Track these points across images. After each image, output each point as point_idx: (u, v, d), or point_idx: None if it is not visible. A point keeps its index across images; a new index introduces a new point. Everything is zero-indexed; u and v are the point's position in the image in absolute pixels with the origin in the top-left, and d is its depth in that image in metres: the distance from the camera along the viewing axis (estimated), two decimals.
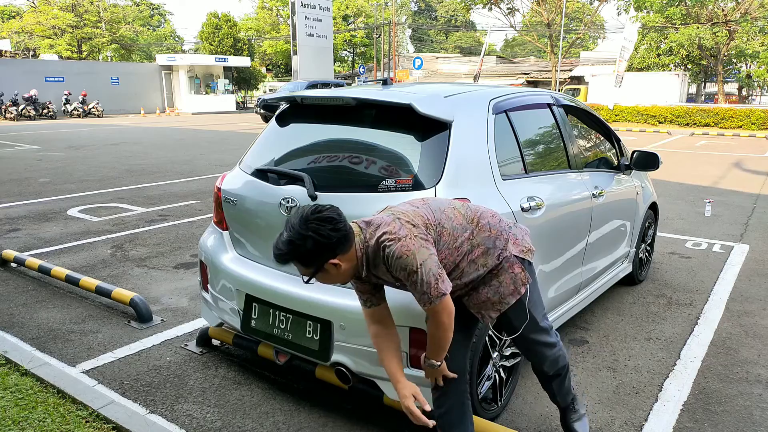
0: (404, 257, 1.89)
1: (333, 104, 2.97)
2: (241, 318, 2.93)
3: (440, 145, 2.57)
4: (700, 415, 2.86)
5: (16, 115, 25.25)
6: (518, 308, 2.24)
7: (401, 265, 1.90)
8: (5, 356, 3.28)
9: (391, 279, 2.01)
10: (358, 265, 1.98)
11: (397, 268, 1.92)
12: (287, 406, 2.89)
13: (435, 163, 2.54)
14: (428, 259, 1.92)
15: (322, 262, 1.90)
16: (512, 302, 2.21)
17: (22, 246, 5.67)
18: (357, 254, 1.96)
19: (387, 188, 2.50)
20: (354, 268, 1.98)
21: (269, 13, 48.86)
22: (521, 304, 2.23)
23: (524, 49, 65.20)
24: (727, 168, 11.82)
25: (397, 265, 1.91)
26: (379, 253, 1.94)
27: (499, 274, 2.18)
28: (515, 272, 2.19)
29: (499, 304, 2.20)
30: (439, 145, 2.57)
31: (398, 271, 1.92)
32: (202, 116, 30.21)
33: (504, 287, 2.18)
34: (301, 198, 2.68)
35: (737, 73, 36.04)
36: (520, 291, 2.20)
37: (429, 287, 1.91)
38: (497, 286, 2.18)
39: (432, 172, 2.51)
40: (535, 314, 2.29)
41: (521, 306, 2.24)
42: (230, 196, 3.07)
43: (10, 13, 46.96)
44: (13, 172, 10.66)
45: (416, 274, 1.90)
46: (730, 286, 4.74)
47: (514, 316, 2.26)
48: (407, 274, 1.91)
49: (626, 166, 4.29)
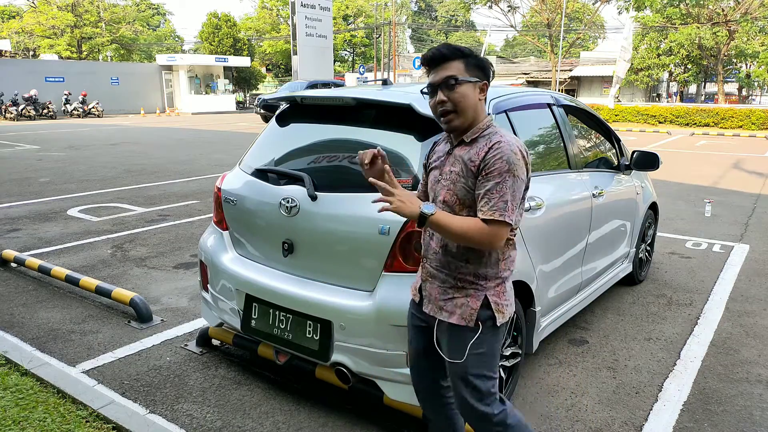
0: (513, 155, 1.78)
1: (333, 104, 2.97)
2: (241, 318, 2.93)
3: None
4: (700, 415, 2.86)
5: (16, 115, 25.25)
6: (457, 335, 1.93)
7: (506, 157, 1.77)
8: (5, 356, 3.28)
9: (468, 172, 1.84)
10: (478, 112, 1.87)
11: (497, 158, 1.77)
12: (287, 406, 2.89)
13: None
14: (521, 183, 1.81)
15: (475, 71, 1.85)
16: (455, 321, 1.91)
17: (22, 246, 5.68)
18: (483, 112, 1.89)
19: None
20: (475, 109, 1.86)
21: (269, 13, 48.84)
22: (463, 336, 1.91)
23: (524, 49, 65.21)
24: (727, 168, 11.81)
25: (500, 155, 1.77)
26: (485, 144, 1.83)
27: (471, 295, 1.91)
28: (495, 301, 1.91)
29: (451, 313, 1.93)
30: None
31: (496, 161, 1.77)
32: (202, 116, 30.20)
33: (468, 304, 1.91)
34: (301, 198, 2.68)
35: (737, 73, 36.03)
36: (470, 322, 1.89)
37: (510, 203, 1.76)
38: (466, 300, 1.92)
39: None
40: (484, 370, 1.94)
41: (462, 338, 1.91)
42: (230, 196, 3.07)
43: (10, 13, 46.94)
44: (14, 172, 10.66)
45: (510, 178, 1.76)
46: (730, 286, 4.74)
47: (451, 339, 1.95)
48: (501, 172, 1.76)
49: (626, 166, 4.29)
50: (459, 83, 1.83)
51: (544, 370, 3.29)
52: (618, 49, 22.73)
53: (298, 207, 2.68)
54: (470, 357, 1.91)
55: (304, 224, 2.68)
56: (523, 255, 2.83)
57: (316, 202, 2.63)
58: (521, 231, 2.81)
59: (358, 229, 2.53)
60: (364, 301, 2.50)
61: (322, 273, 2.69)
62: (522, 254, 2.82)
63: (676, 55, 32.96)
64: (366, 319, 2.47)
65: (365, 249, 2.54)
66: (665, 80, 42.06)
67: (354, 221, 2.55)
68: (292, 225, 2.72)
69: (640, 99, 36.32)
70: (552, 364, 3.36)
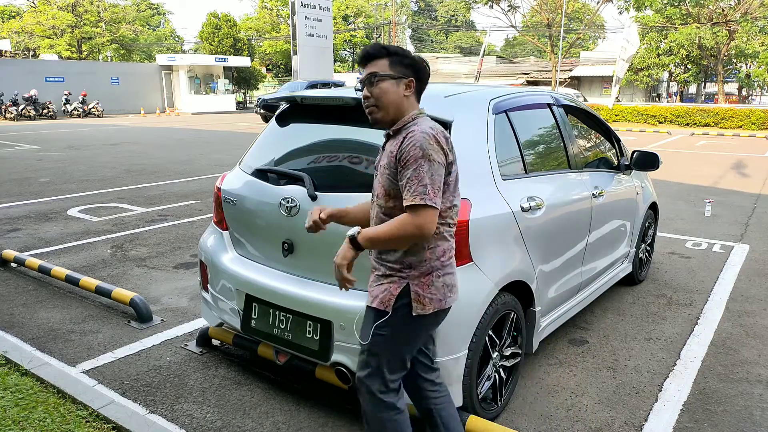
0: (425, 141, 1.85)
1: (333, 104, 2.97)
2: (241, 318, 2.93)
3: None
4: (700, 415, 2.86)
5: (16, 115, 25.24)
6: (371, 318, 2.01)
7: (418, 143, 1.84)
8: (5, 356, 3.28)
9: (390, 163, 1.92)
10: (401, 107, 1.96)
11: (411, 146, 1.85)
12: (287, 406, 2.89)
13: None
14: (439, 167, 1.87)
15: (399, 69, 1.95)
16: (375, 305, 1.99)
17: (22, 246, 5.68)
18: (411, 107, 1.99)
19: None
20: (398, 104, 1.95)
21: (269, 13, 48.84)
22: (374, 317, 2.00)
23: (524, 49, 65.19)
24: (727, 168, 11.81)
25: (413, 143, 1.85)
26: (403, 135, 1.92)
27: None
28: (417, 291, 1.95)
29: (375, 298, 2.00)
30: None
31: (410, 149, 1.85)
32: (202, 116, 30.20)
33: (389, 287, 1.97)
34: (301, 198, 2.68)
35: (737, 73, 36.04)
36: (388, 307, 1.96)
37: (429, 186, 1.83)
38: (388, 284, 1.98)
39: None
40: (381, 352, 2.00)
41: (375, 318, 1.99)
42: (230, 196, 3.07)
43: (10, 13, 46.95)
44: (13, 172, 10.66)
45: (426, 163, 1.83)
46: (730, 286, 4.74)
47: (366, 321, 2.05)
48: (416, 158, 1.83)
49: (626, 166, 4.29)
50: (381, 79, 1.94)
51: (544, 370, 3.29)
52: (618, 49, 22.74)
53: (299, 207, 2.68)
54: (374, 337, 1.99)
55: (303, 224, 2.67)
56: (523, 255, 2.83)
57: (316, 202, 2.63)
58: (521, 231, 2.81)
59: None
60: (364, 301, 2.50)
61: (322, 273, 2.69)
62: (522, 254, 2.83)
63: (676, 55, 32.98)
64: None
65: None
66: (665, 80, 42.10)
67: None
68: (293, 225, 2.72)
69: (640, 99, 36.35)
70: (552, 364, 3.36)
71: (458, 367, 2.46)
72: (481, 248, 2.53)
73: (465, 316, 2.45)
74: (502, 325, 2.74)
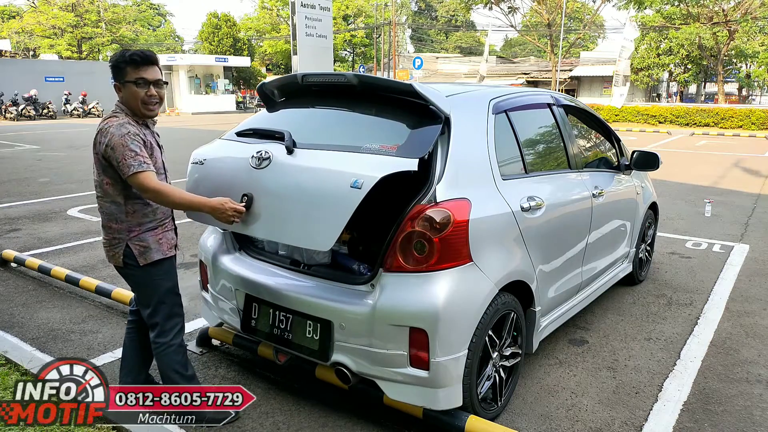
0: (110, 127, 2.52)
1: (335, 83, 2.93)
2: (241, 318, 2.93)
3: (440, 145, 2.56)
4: (700, 415, 2.86)
5: (16, 115, 25.24)
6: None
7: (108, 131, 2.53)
8: (5, 356, 3.28)
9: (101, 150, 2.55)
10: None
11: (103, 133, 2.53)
12: (287, 406, 2.89)
13: (435, 163, 2.53)
14: (132, 142, 2.47)
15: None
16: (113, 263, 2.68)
17: (22, 246, 5.67)
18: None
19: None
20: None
21: (269, 13, 48.82)
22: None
23: (524, 49, 65.19)
24: (727, 168, 11.81)
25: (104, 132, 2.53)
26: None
27: None
28: None
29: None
30: (439, 145, 2.57)
31: (102, 135, 2.54)
32: (202, 116, 30.19)
33: None
34: (276, 152, 2.62)
35: (737, 73, 36.05)
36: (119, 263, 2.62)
37: (127, 160, 2.45)
38: None
39: (431, 172, 2.51)
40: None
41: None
42: (199, 158, 2.99)
43: (10, 13, 46.93)
44: (13, 172, 10.66)
45: (121, 147, 2.44)
46: (730, 286, 4.74)
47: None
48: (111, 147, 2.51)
49: (626, 166, 4.29)
50: None
51: (544, 370, 3.29)
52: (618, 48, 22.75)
53: (270, 159, 2.61)
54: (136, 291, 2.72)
55: (270, 176, 2.60)
56: (523, 255, 2.83)
57: (292, 155, 2.59)
58: (521, 231, 2.81)
59: (330, 181, 2.43)
60: (364, 301, 2.50)
61: (277, 231, 2.59)
62: (522, 254, 2.82)
63: (676, 55, 32.99)
64: (366, 319, 2.46)
65: (332, 203, 2.40)
66: (665, 80, 42.09)
67: (327, 174, 2.46)
68: (256, 178, 2.63)
69: (640, 99, 36.33)
70: (552, 364, 3.36)
71: (458, 367, 2.46)
72: (481, 248, 2.53)
73: (465, 316, 2.44)
74: (502, 325, 2.74)
